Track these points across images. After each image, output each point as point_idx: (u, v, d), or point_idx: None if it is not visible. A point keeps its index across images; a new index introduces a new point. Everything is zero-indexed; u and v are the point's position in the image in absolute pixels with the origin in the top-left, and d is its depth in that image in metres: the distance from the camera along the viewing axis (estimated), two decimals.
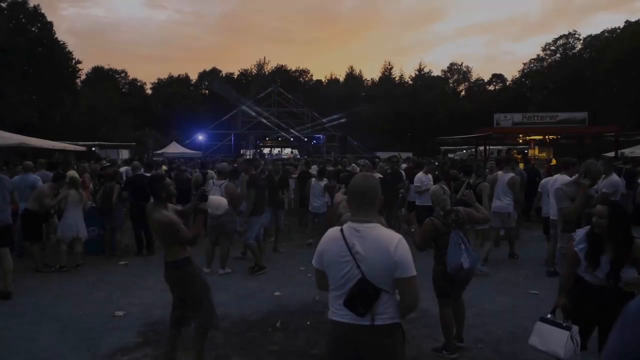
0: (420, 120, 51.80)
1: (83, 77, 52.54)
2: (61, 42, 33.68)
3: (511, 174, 7.61)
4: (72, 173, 7.85)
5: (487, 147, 15.85)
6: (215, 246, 6.96)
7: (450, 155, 31.01)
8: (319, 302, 5.51)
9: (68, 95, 31.52)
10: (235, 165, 8.80)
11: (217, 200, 4.14)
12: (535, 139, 17.43)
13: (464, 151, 31.54)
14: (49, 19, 32.71)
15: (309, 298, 5.76)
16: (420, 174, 8.78)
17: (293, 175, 11.75)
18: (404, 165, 12.19)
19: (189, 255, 3.64)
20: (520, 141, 18.27)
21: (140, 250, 8.08)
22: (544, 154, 16.23)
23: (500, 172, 7.74)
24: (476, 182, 7.09)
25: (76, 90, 36.54)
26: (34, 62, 29.87)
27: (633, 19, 45.37)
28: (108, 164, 12.13)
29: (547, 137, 16.65)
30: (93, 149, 26.64)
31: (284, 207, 8.90)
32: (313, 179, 9.12)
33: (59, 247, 7.14)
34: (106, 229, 7.95)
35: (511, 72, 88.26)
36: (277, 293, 6.01)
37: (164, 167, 12.17)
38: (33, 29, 31.59)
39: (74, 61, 35.35)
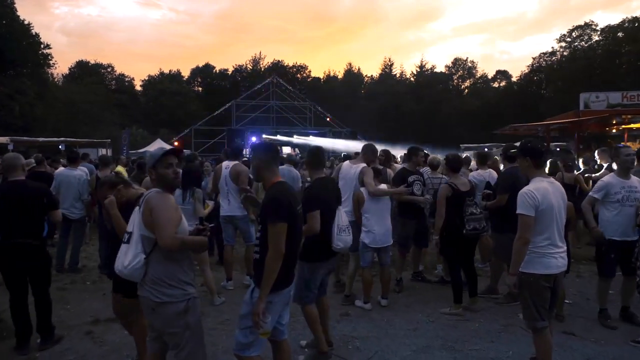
0: (424, 116, 49.33)
1: (66, 71, 48.35)
2: (26, 23, 28.83)
3: None
4: None
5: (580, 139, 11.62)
6: None
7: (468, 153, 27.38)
8: None
9: (32, 85, 26.67)
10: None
11: None
12: (631, 128, 13.37)
13: (485, 149, 28.08)
14: (44, 18, 28.14)
15: None
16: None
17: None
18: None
19: None
20: (614, 130, 14.18)
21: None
22: None
23: None
24: None
25: (45, 80, 31.62)
26: None
27: (631, 17, 42.46)
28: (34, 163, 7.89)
29: None
30: (60, 146, 23.05)
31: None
32: (362, 189, 5.09)
33: None
34: None
35: (510, 70, 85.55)
36: None
37: (120, 168, 7.94)
38: None
39: (42, 45, 30.40)
